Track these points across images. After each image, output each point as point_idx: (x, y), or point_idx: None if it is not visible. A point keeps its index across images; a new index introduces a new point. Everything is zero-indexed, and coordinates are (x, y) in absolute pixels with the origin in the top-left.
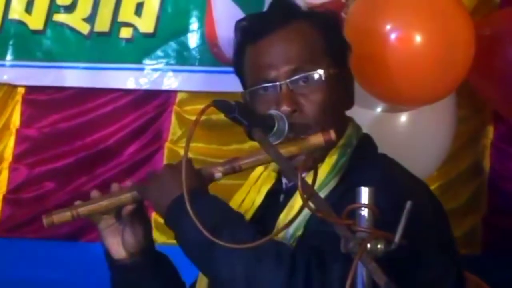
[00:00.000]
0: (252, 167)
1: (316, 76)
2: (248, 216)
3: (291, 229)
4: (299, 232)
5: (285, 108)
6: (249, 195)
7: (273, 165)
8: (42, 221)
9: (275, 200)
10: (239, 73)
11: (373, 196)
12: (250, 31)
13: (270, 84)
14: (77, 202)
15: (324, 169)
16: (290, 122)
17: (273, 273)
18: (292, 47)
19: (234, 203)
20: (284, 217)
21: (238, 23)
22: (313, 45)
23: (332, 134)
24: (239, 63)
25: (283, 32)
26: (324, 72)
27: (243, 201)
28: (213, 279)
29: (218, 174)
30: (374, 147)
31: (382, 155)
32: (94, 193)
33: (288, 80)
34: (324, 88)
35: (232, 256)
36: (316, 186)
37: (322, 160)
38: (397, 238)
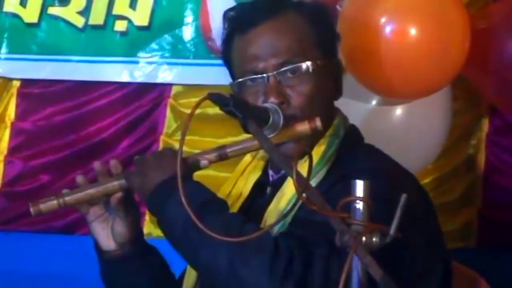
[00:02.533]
0: (239, 155)
1: (303, 67)
2: (235, 207)
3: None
4: (287, 222)
5: (272, 100)
6: (236, 186)
7: (260, 154)
8: None
9: (261, 192)
10: (228, 63)
11: (368, 189)
12: (238, 21)
13: (258, 76)
14: (65, 191)
15: (313, 159)
16: None
17: (255, 258)
18: (280, 38)
19: (221, 194)
20: (273, 208)
21: (227, 12)
22: (302, 36)
23: (318, 122)
24: (227, 54)
25: (271, 23)
26: (312, 64)
27: (230, 192)
28: (193, 263)
29: (204, 162)
30: (361, 138)
31: (369, 146)
32: (80, 179)
33: (275, 72)
34: (312, 80)
35: (214, 241)
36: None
37: (310, 150)
38: (392, 231)
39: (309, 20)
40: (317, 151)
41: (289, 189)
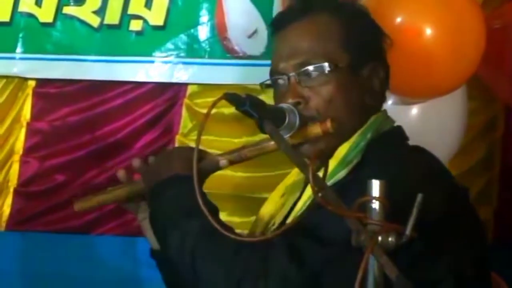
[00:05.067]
0: (258, 155)
1: (322, 69)
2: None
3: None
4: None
5: (290, 100)
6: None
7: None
8: (53, 214)
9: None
10: None
11: (384, 189)
12: (274, 22)
13: (279, 76)
14: (108, 188)
15: (331, 163)
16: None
17: (219, 248)
18: (302, 39)
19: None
20: (296, 210)
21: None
22: (326, 38)
23: (329, 124)
24: None
25: (297, 25)
26: (331, 65)
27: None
28: (165, 249)
29: (223, 162)
30: (401, 141)
31: (408, 151)
32: (121, 174)
33: (294, 73)
34: (332, 82)
35: (188, 232)
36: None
37: (331, 152)
38: (408, 230)
39: (343, 22)
40: (338, 154)
41: (307, 192)
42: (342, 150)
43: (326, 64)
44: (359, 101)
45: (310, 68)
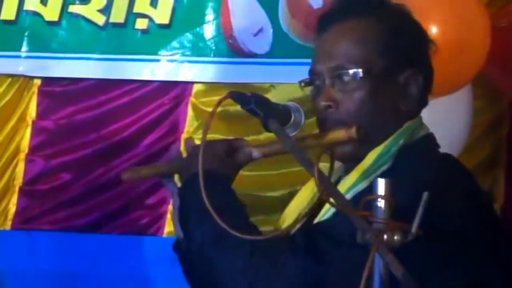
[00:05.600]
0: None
1: (354, 74)
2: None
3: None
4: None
5: (322, 103)
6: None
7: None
8: (59, 212)
9: None
10: None
11: (389, 188)
12: (318, 23)
13: (315, 77)
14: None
15: (352, 175)
16: (325, 117)
17: (233, 250)
18: (339, 43)
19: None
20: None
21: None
22: (363, 44)
23: (353, 130)
24: None
25: (337, 28)
26: (364, 72)
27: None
28: (188, 241)
29: (255, 154)
30: (430, 149)
31: (438, 159)
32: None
33: (328, 76)
34: (364, 87)
35: (205, 228)
36: (343, 190)
37: (360, 156)
38: (413, 229)
39: (384, 28)
40: (365, 162)
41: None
42: (371, 156)
43: (359, 70)
44: (393, 107)
45: (343, 72)
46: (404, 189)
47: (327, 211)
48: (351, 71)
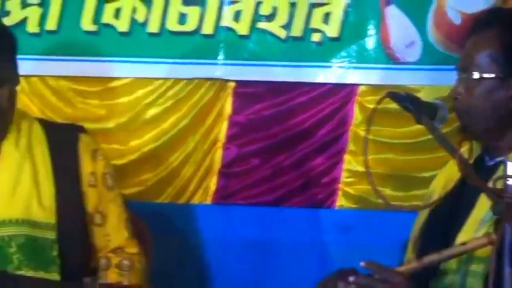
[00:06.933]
0: (439, 261)
1: (472, 76)
2: (450, 186)
3: (487, 216)
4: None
5: (451, 93)
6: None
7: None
8: (248, 190)
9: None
10: None
11: None
12: (469, 30)
13: (457, 73)
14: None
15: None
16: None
17: None
18: (471, 49)
19: (441, 175)
20: (484, 200)
21: None
22: (484, 52)
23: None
24: None
25: (476, 37)
26: (478, 76)
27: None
28: None
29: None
30: None
31: None
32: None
33: (459, 74)
34: (477, 88)
35: None
36: None
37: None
38: None
39: (507, 38)
40: None
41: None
42: None
43: (476, 73)
44: (504, 107)
45: (465, 74)
46: None
47: None
48: (469, 74)
